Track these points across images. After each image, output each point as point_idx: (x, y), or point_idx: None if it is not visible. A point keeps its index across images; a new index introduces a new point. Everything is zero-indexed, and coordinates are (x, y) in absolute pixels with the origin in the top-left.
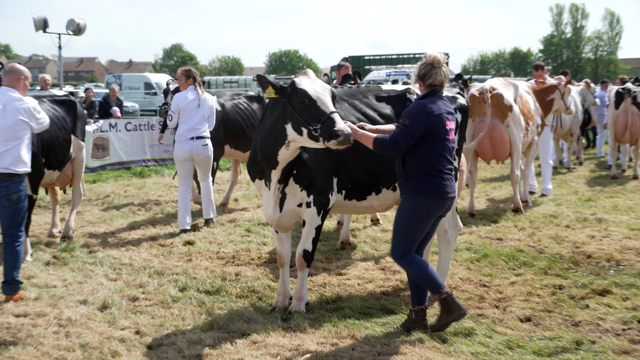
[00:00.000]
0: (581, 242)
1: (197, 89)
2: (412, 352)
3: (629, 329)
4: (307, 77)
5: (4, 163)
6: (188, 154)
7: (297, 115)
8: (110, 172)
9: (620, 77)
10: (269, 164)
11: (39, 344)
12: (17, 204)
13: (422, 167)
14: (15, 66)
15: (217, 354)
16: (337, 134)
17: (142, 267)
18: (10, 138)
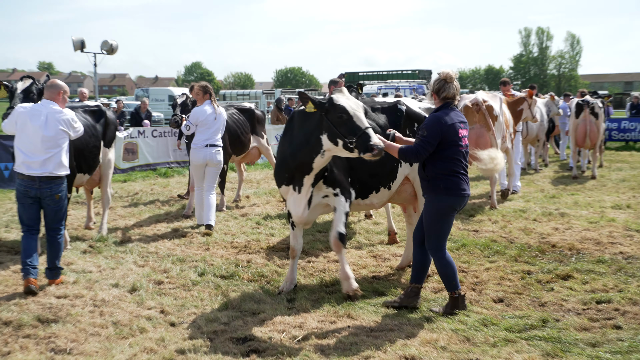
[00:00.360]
0: (546, 233)
1: (213, 103)
2: (400, 328)
3: (588, 308)
4: (343, 95)
5: (48, 168)
6: (203, 160)
7: (334, 128)
8: (138, 172)
9: (580, 90)
10: (304, 170)
11: (76, 321)
12: (59, 203)
13: (440, 170)
14: (55, 81)
15: (230, 330)
16: (372, 147)
17: (166, 255)
18: (52, 146)
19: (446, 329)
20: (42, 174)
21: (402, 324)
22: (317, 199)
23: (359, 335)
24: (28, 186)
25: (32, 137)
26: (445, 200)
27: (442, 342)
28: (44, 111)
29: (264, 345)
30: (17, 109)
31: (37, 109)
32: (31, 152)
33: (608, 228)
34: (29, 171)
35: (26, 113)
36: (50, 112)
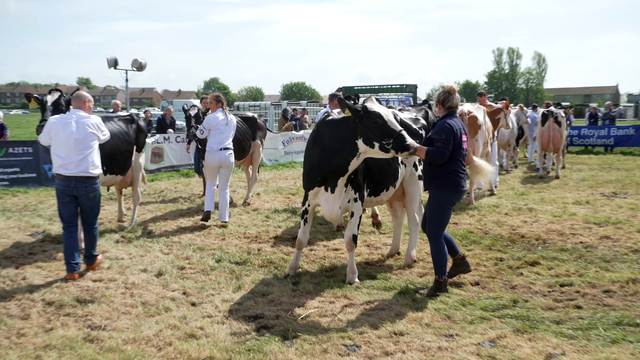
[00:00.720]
0: (517, 225)
1: (225, 111)
2: (389, 307)
3: (553, 291)
4: (374, 103)
5: (82, 167)
6: (217, 162)
7: (370, 132)
8: (164, 173)
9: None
10: (339, 173)
11: (110, 302)
12: (94, 200)
13: (444, 169)
14: (80, 93)
15: (243, 309)
16: (409, 147)
17: (187, 244)
18: (84, 147)
19: (430, 309)
20: (77, 173)
21: (392, 304)
22: (345, 202)
23: (354, 313)
24: (66, 185)
25: (66, 142)
26: (447, 195)
27: (426, 319)
28: (73, 118)
29: (272, 322)
30: (50, 120)
31: (67, 117)
32: (67, 155)
33: (570, 221)
34: (67, 172)
35: (58, 123)
36: (78, 118)
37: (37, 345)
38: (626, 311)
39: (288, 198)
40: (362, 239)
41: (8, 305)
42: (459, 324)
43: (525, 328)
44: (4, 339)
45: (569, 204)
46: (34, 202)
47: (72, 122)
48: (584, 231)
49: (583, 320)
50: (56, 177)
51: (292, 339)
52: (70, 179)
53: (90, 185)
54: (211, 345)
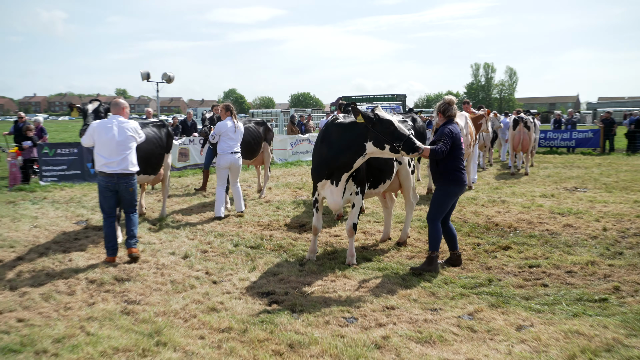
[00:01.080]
0: (491, 215)
1: (234, 119)
2: (382, 285)
3: (522, 271)
4: (383, 111)
5: (122, 166)
6: (228, 163)
7: (382, 136)
8: (190, 170)
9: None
10: (344, 169)
11: (143, 280)
12: (133, 193)
13: (450, 166)
14: (119, 101)
15: (257, 287)
16: (418, 148)
17: (210, 231)
18: (125, 149)
19: (417, 286)
20: (119, 171)
21: (384, 282)
22: (347, 195)
23: (352, 290)
24: (108, 181)
25: (109, 144)
26: (452, 188)
27: (414, 295)
28: (114, 123)
29: (282, 298)
30: (92, 125)
31: (108, 122)
32: (109, 155)
33: (537, 212)
34: (109, 170)
35: (100, 127)
36: (119, 123)
37: (81, 317)
38: (586, 289)
39: (295, 192)
40: (359, 226)
41: (57, 283)
42: (442, 299)
43: (499, 303)
44: (53, 311)
45: (536, 197)
46: (78, 195)
47: (113, 126)
48: (549, 220)
49: (549, 296)
50: (99, 175)
51: (299, 312)
52: (113, 176)
53: (130, 180)
54: (230, 317)
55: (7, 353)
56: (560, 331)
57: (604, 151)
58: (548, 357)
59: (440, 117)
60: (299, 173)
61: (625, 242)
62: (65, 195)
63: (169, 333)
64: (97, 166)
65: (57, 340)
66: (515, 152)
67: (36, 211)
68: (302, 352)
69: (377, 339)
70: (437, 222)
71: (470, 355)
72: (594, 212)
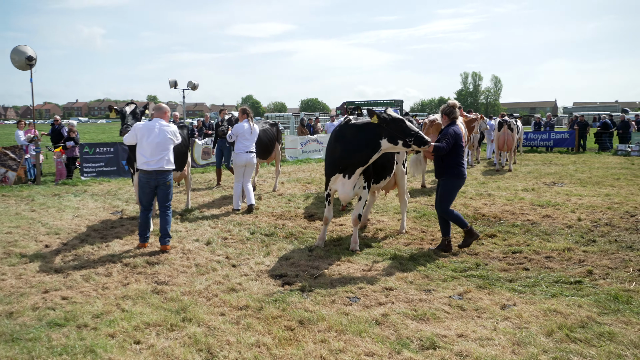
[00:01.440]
0: (479, 207)
1: (250, 121)
2: (383, 269)
3: (506, 257)
4: (393, 112)
5: (161, 164)
6: (244, 162)
7: (395, 133)
8: (212, 167)
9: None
10: (360, 164)
11: (171, 263)
12: (169, 189)
13: (453, 162)
14: (162, 105)
15: (271, 269)
16: (427, 142)
17: (229, 220)
18: (164, 149)
19: (412, 270)
20: (158, 168)
21: (384, 266)
22: (357, 188)
23: (355, 273)
24: (148, 178)
25: (150, 145)
26: (457, 181)
27: (410, 278)
28: (156, 125)
29: (293, 280)
30: (137, 125)
31: (152, 125)
32: (150, 155)
33: (519, 204)
34: (149, 167)
35: (144, 129)
36: (160, 126)
37: (117, 295)
38: (563, 272)
39: (305, 186)
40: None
41: (95, 266)
42: (435, 281)
43: (485, 285)
44: (93, 290)
45: (519, 191)
46: (114, 188)
47: (155, 129)
48: (530, 211)
49: (529, 279)
50: (139, 172)
51: (308, 292)
52: (152, 173)
53: (167, 176)
54: (247, 296)
55: (53, 327)
56: (540, 310)
57: (579, 150)
58: (529, 332)
59: (444, 119)
60: (308, 169)
61: (598, 230)
62: (102, 188)
63: (194, 310)
64: (138, 164)
65: (96, 316)
66: (499, 151)
67: (78, 203)
68: (311, 327)
69: (377, 316)
70: (451, 210)
71: (460, 330)
72: (569, 204)
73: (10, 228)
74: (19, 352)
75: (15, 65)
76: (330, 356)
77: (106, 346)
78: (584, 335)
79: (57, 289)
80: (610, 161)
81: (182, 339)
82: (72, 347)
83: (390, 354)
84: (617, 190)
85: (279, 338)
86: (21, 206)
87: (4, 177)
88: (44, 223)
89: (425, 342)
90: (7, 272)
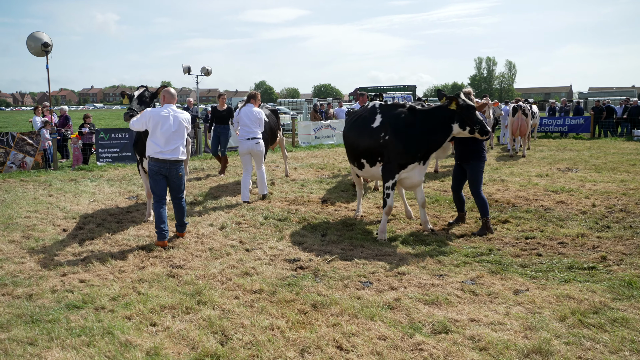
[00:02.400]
0: (492, 192)
1: (255, 106)
2: (395, 253)
3: (519, 242)
4: (466, 98)
5: (176, 154)
6: (246, 149)
7: (466, 119)
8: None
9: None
10: (434, 149)
11: (186, 247)
12: (182, 179)
13: (479, 146)
14: (170, 90)
15: (284, 254)
16: (488, 132)
17: (243, 205)
18: (179, 137)
19: (425, 255)
20: (171, 158)
21: (397, 252)
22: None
23: (368, 258)
24: (161, 167)
25: (165, 133)
26: (482, 163)
27: (423, 263)
28: (171, 113)
29: (306, 264)
30: (147, 112)
31: (163, 111)
32: (164, 144)
33: (533, 189)
34: (163, 156)
35: (157, 117)
36: (175, 114)
37: (133, 278)
38: (576, 258)
39: (318, 171)
40: (374, 202)
41: (112, 249)
42: (448, 266)
43: (498, 270)
44: (109, 274)
45: (532, 177)
46: (129, 174)
47: (170, 116)
48: (544, 197)
49: (543, 264)
50: (152, 160)
51: (321, 277)
52: (165, 162)
53: (179, 166)
54: (261, 280)
55: (71, 309)
56: (553, 295)
57: (594, 136)
58: (542, 318)
59: None
60: (320, 155)
61: (612, 216)
62: (118, 174)
63: (208, 293)
64: (150, 153)
65: (113, 299)
66: (513, 137)
67: (94, 188)
68: (324, 311)
69: (389, 301)
70: (481, 193)
71: (472, 315)
72: (584, 190)
73: (28, 212)
74: (39, 332)
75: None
76: (343, 339)
77: (123, 328)
78: (597, 321)
79: (75, 272)
80: (625, 147)
81: (197, 321)
82: (90, 328)
83: (403, 337)
84: (633, 176)
85: (292, 321)
86: (39, 191)
87: (22, 162)
88: (61, 207)
89: (437, 326)
90: (26, 256)
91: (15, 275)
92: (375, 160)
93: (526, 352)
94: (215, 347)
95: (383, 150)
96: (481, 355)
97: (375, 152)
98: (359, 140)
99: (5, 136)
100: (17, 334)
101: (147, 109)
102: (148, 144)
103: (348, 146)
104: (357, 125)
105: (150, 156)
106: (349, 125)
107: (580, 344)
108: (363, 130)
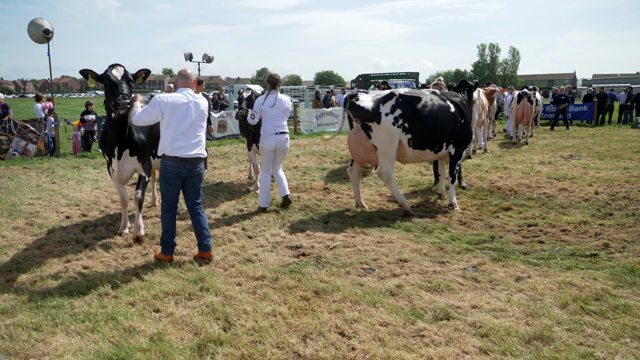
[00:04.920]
0: (494, 180)
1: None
2: (397, 240)
3: (521, 229)
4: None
5: (198, 149)
6: (272, 146)
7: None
8: (227, 140)
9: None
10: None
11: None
12: (202, 179)
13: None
14: (187, 71)
15: (286, 241)
16: None
17: (245, 191)
18: (199, 129)
19: (427, 242)
20: (194, 155)
21: (399, 238)
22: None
23: (370, 245)
24: (182, 167)
25: (184, 124)
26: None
27: (425, 250)
28: (188, 98)
29: (308, 251)
30: (160, 99)
31: (181, 98)
32: (185, 138)
33: (536, 177)
34: (186, 153)
35: (174, 105)
36: (193, 99)
37: (137, 265)
38: (578, 245)
39: (320, 159)
40: (376, 189)
41: (115, 236)
42: (449, 254)
43: (500, 257)
44: (113, 260)
45: (535, 164)
46: None
47: (189, 104)
48: (546, 184)
49: (544, 252)
50: (170, 160)
51: (323, 263)
52: (187, 161)
53: (201, 165)
54: (263, 267)
55: (75, 295)
56: (555, 282)
57: (597, 123)
58: (543, 304)
59: None
60: (322, 142)
61: (615, 204)
62: None
63: (211, 280)
64: (172, 150)
65: (116, 285)
66: (517, 124)
67: (97, 175)
68: (326, 297)
69: (391, 288)
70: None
71: (474, 302)
72: (587, 178)
73: (32, 199)
74: (44, 318)
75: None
76: (345, 326)
77: (127, 314)
78: (598, 308)
79: (79, 259)
80: (629, 134)
81: (200, 307)
82: (94, 314)
83: (405, 324)
84: (636, 163)
85: (294, 308)
86: (42, 178)
87: (25, 149)
88: (64, 195)
89: (439, 313)
90: (30, 242)
91: (19, 261)
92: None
93: (527, 339)
94: (218, 332)
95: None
96: (482, 342)
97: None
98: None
99: (7, 123)
100: (21, 319)
101: (158, 95)
102: (163, 138)
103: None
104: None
105: (167, 154)
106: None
107: (581, 330)
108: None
